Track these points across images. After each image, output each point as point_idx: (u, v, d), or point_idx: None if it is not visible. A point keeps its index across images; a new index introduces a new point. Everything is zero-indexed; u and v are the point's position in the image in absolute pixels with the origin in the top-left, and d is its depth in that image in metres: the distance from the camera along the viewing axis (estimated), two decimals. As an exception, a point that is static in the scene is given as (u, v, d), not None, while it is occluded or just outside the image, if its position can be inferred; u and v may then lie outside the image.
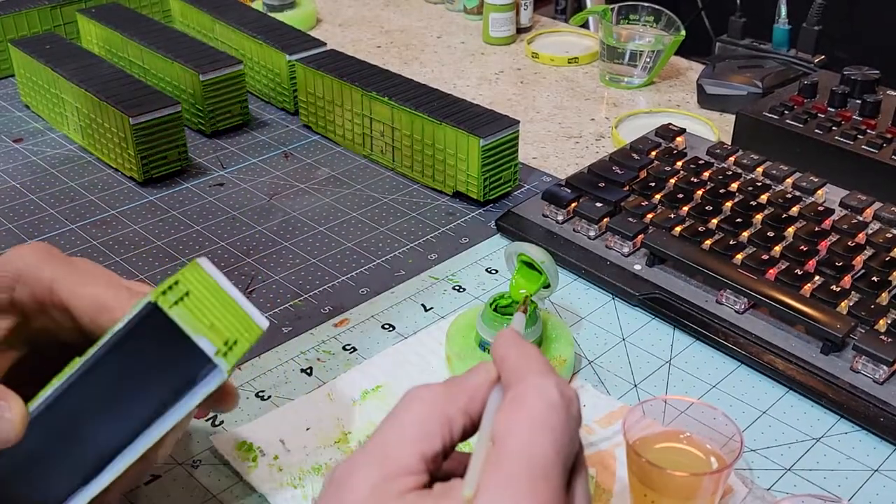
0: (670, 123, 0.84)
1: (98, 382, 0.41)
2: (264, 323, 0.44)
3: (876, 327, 0.60)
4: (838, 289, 0.62)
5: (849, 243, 0.66)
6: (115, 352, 0.41)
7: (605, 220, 0.71)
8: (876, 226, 0.69)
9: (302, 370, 0.61)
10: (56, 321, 0.45)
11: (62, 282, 0.44)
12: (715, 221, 0.70)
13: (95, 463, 0.41)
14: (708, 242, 0.67)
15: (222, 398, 0.46)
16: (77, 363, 0.41)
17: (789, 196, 0.72)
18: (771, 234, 0.68)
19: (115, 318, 0.42)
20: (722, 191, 0.73)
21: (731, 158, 0.78)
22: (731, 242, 0.67)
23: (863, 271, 0.64)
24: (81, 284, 0.44)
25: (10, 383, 0.42)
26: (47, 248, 0.46)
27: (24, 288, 0.45)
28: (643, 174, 0.77)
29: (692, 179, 0.75)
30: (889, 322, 0.59)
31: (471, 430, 0.38)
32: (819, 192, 0.73)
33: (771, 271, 0.64)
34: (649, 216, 0.71)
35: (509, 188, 0.82)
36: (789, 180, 0.74)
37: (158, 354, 0.41)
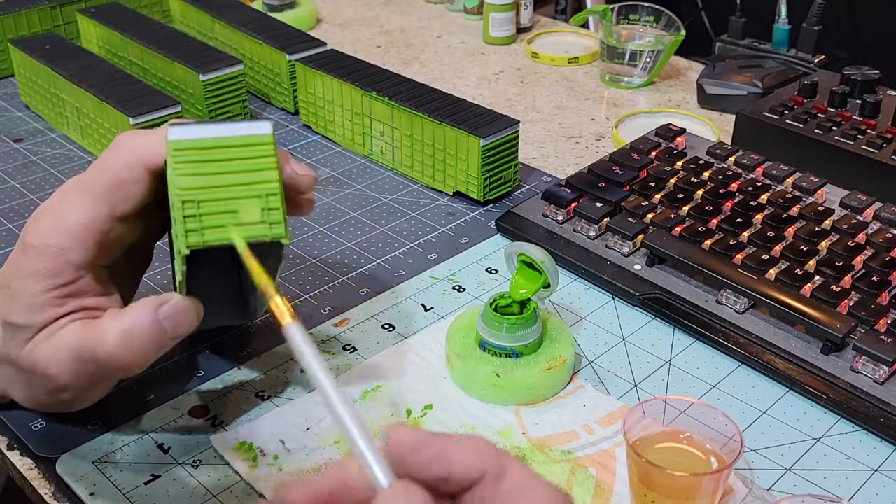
0: (670, 123, 0.84)
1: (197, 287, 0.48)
2: (267, 128, 0.46)
3: (876, 327, 0.60)
4: (838, 289, 0.62)
5: (849, 243, 0.66)
6: (192, 280, 0.47)
7: (605, 220, 0.71)
8: (876, 226, 0.69)
9: (302, 370, 0.61)
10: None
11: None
12: (715, 221, 0.70)
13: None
14: (708, 242, 0.67)
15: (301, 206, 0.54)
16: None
17: (789, 196, 0.72)
18: (771, 234, 0.68)
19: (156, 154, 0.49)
20: (722, 191, 0.73)
21: (731, 158, 0.78)
22: (731, 242, 0.67)
23: (863, 271, 0.64)
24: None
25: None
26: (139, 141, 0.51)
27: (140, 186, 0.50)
28: (643, 174, 0.77)
29: (692, 179, 0.75)
30: (889, 322, 0.59)
31: None
32: (819, 192, 0.73)
33: (771, 271, 0.64)
34: (649, 216, 0.71)
35: (509, 188, 0.82)
36: (789, 180, 0.74)
37: (226, 263, 0.47)
